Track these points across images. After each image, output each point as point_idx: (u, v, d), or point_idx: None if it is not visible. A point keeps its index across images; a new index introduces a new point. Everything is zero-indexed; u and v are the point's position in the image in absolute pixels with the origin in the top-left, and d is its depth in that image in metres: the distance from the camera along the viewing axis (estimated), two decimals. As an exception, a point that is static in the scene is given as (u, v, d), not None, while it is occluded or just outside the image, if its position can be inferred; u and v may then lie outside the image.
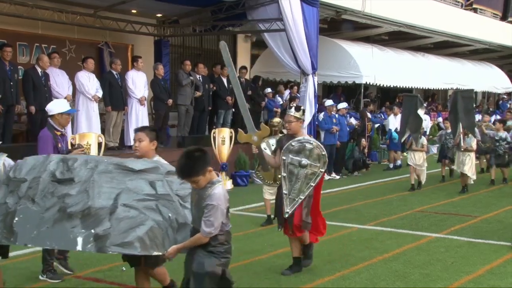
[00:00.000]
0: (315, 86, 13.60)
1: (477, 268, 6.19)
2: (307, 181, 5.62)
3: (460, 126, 11.11)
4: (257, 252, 6.91)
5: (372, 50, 17.93)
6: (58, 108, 5.75)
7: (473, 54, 25.40)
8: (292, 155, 5.58)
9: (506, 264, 6.40)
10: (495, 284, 5.73)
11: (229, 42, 17.22)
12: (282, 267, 6.28)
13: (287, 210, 5.66)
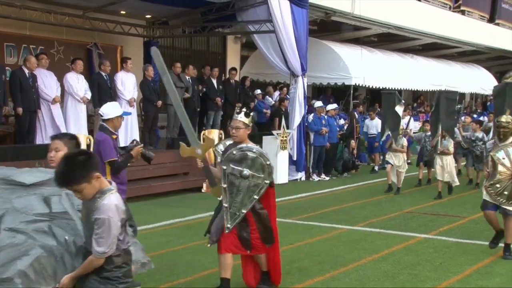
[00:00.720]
0: (305, 87, 13.64)
1: (465, 268, 6.24)
2: (250, 194, 5.05)
3: (440, 128, 10.93)
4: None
5: (361, 51, 18.03)
6: (114, 111, 5.61)
7: (461, 56, 25.59)
8: (233, 165, 5.03)
9: (493, 264, 6.45)
10: (482, 284, 5.78)
11: (219, 43, 17.26)
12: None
13: (228, 225, 5.06)
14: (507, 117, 6.70)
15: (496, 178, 6.51)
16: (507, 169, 6.46)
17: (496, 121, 6.91)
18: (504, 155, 6.48)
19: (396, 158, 11.30)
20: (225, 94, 13.64)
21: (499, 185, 6.49)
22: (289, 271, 6.19)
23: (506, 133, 6.60)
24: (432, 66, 21.82)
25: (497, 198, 6.52)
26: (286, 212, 9.59)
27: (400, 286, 5.70)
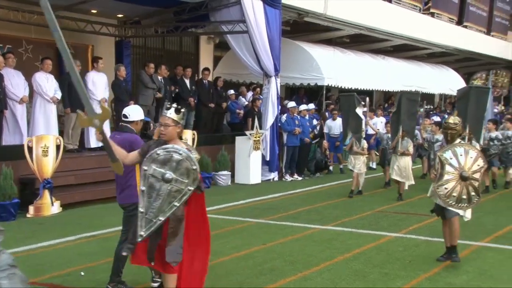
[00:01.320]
0: (278, 87, 13.69)
1: (433, 266, 6.33)
2: (170, 200, 4.48)
3: (400, 129, 10.84)
4: (219, 254, 6.89)
5: (333, 52, 18.19)
6: (139, 114, 5.60)
7: (431, 57, 26.01)
8: (156, 166, 4.48)
9: (462, 262, 6.55)
10: (450, 281, 5.88)
11: (192, 44, 17.19)
12: (243, 268, 6.30)
13: (141, 233, 4.49)
14: (455, 119, 6.61)
15: (444, 179, 6.28)
16: (455, 169, 6.24)
17: (444, 123, 6.75)
18: (452, 155, 6.27)
19: (356, 161, 11.22)
20: (198, 94, 13.60)
21: (447, 187, 6.24)
22: (261, 272, 6.20)
23: (454, 134, 6.46)
24: (403, 67, 22.14)
25: (447, 200, 6.28)
26: (258, 212, 9.62)
27: (371, 285, 5.77)
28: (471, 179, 6.15)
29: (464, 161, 6.17)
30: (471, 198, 6.21)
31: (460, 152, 6.22)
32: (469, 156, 6.20)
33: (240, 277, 6.03)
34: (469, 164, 6.17)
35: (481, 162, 6.23)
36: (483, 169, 6.33)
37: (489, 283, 5.84)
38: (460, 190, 6.17)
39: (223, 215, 9.35)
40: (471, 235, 7.82)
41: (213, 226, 8.32)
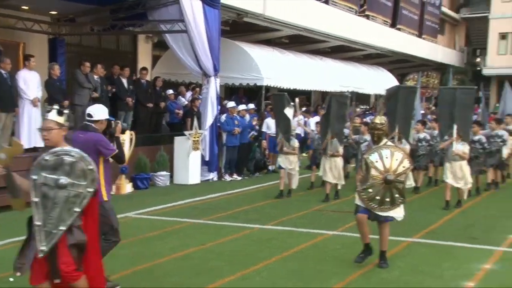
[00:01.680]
0: (217, 88, 13.67)
1: (368, 263, 6.52)
2: (69, 206, 4.12)
3: (329, 131, 10.86)
4: (157, 256, 6.83)
5: (273, 53, 18.37)
6: (103, 114, 5.52)
7: (367, 58, 26.74)
8: (46, 173, 4.10)
9: (394, 258, 6.80)
10: (383, 277, 6.08)
11: (129, 42, 16.90)
12: (182, 269, 6.27)
13: (42, 248, 4.04)
14: (381, 119, 6.47)
15: (369, 182, 6.16)
16: (380, 173, 6.12)
17: (371, 123, 6.61)
18: (378, 158, 6.16)
19: (287, 161, 11.08)
20: (136, 94, 13.38)
21: (371, 190, 6.15)
22: (200, 272, 6.20)
23: (380, 135, 6.34)
24: (340, 68, 22.64)
25: (369, 203, 6.19)
26: (197, 212, 9.59)
27: (308, 283, 5.88)
28: (396, 182, 6.12)
29: (389, 164, 6.11)
30: (394, 199, 6.19)
31: (386, 154, 6.16)
32: (394, 158, 6.14)
33: (178, 278, 6.01)
34: (394, 166, 6.11)
35: (407, 163, 6.21)
36: (409, 170, 6.33)
37: (420, 277, 6.08)
38: (384, 193, 6.14)
39: (161, 216, 9.27)
40: (403, 232, 8.10)
41: (150, 227, 8.30)
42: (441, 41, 36.16)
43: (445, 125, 10.38)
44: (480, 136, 11.40)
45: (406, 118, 10.47)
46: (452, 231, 8.29)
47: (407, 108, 10.44)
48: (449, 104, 10.11)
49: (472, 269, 6.37)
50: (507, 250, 7.22)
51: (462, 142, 9.89)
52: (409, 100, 10.63)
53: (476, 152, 11.21)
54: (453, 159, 9.88)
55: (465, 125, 10.19)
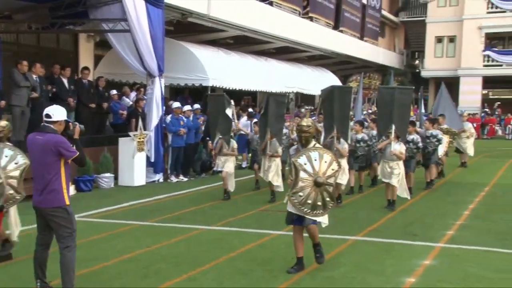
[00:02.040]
0: (162, 88, 13.53)
1: (313, 262, 6.58)
2: None
3: (268, 131, 10.65)
4: (102, 259, 6.70)
5: (218, 53, 18.35)
6: (63, 114, 5.33)
7: (311, 59, 27.16)
8: None
9: (339, 256, 6.95)
10: (329, 274, 6.20)
11: (70, 41, 16.44)
12: (127, 272, 6.17)
13: None
14: (308, 121, 6.30)
15: (299, 186, 6.00)
16: (309, 175, 5.99)
17: (297, 126, 6.39)
18: (306, 161, 6.01)
19: (227, 162, 10.96)
20: (78, 94, 13.04)
21: (302, 194, 6.00)
22: (146, 274, 6.12)
23: (308, 137, 6.17)
24: (285, 69, 22.87)
25: (301, 208, 6.04)
26: (143, 214, 9.46)
27: (255, 283, 5.91)
28: (326, 184, 6.02)
29: (318, 166, 6.00)
30: (326, 204, 6.08)
31: (315, 157, 6.04)
32: (323, 161, 6.03)
33: (124, 281, 5.91)
34: (323, 169, 6.00)
35: (335, 166, 6.10)
36: (338, 173, 6.24)
37: (364, 274, 6.23)
38: (315, 196, 6.01)
39: (106, 219, 9.09)
40: (347, 230, 8.30)
41: (95, 231, 8.13)
42: (382, 43, 37.21)
43: (383, 125, 10.33)
44: (414, 135, 11.37)
45: (343, 118, 10.25)
46: (394, 229, 8.54)
47: (343, 108, 10.25)
48: (388, 104, 10.12)
49: (412, 265, 6.58)
50: (445, 246, 7.51)
51: (399, 142, 9.99)
52: (346, 100, 10.41)
53: (411, 152, 11.24)
54: (391, 159, 9.94)
55: (403, 125, 10.20)
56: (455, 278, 6.10)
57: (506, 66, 35.79)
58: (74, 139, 5.39)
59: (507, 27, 35.68)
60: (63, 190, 5.14)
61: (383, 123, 10.38)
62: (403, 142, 10.18)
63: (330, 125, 10.17)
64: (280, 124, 11.07)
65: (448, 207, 10.39)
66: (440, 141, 12.76)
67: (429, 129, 12.69)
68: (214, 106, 11.61)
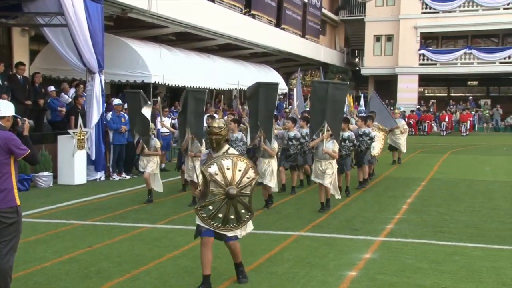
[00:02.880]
0: (103, 84, 13.24)
1: (258, 257, 6.68)
2: None
3: (188, 130, 9.94)
4: (40, 260, 6.49)
5: (160, 50, 18.10)
6: (11, 110, 5.01)
7: (254, 57, 27.29)
8: None
9: (283, 252, 7.03)
10: (273, 270, 6.26)
11: (3, 35, 15.78)
12: (67, 273, 6.02)
13: None
14: (219, 122, 5.60)
15: (209, 198, 5.35)
16: (221, 186, 5.32)
17: (207, 127, 5.75)
18: (217, 170, 5.31)
19: (149, 162, 10.33)
20: (12, 91, 12.54)
21: (212, 207, 5.35)
22: (87, 275, 5.99)
23: (219, 140, 5.52)
24: (228, 66, 22.87)
25: (211, 222, 5.40)
26: (84, 213, 9.24)
27: (200, 280, 5.88)
28: (240, 195, 5.42)
29: (231, 175, 5.35)
30: (240, 216, 5.50)
31: (227, 165, 5.35)
32: (237, 169, 5.37)
33: (63, 282, 5.76)
34: (237, 178, 5.37)
35: (252, 173, 5.45)
36: (255, 181, 5.51)
37: (307, 269, 6.33)
38: (227, 209, 5.39)
39: (45, 219, 8.81)
40: (291, 226, 8.42)
41: (32, 231, 7.87)
42: (323, 41, 37.85)
43: (316, 122, 9.63)
44: (349, 132, 11.10)
45: (268, 117, 9.58)
46: (336, 224, 8.72)
47: (268, 106, 9.59)
48: (322, 100, 9.41)
49: (354, 259, 6.75)
50: (385, 240, 7.74)
51: (332, 140, 9.46)
52: (271, 97, 9.67)
53: (347, 149, 11.07)
54: (323, 158, 9.44)
55: (336, 122, 9.52)
56: (393, 270, 6.30)
57: (440, 65, 37.28)
58: (23, 136, 5.11)
59: (441, 27, 37.19)
60: (14, 190, 4.88)
61: (315, 120, 9.67)
62: (337, 140, 9.59)
63: (255, 124, 9.68)
64: (200, 123, 10.29)
65: (387, 202, 10.71)
66: (373, 139, 12.50)
67: (361, 127, 12.36)
68: (131, 104, 10.89)
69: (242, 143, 10.72)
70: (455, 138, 29.81)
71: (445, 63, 37.12)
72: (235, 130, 10.69)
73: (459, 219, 9.09)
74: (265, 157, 9.76)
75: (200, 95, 10.26)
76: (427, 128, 33.85)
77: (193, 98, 9.96)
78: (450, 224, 8.72)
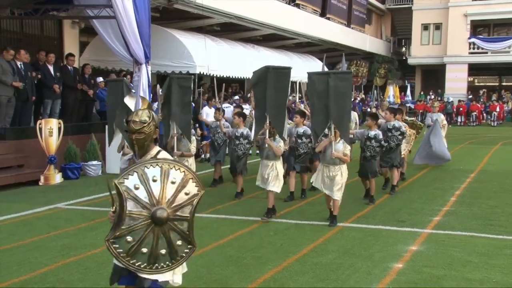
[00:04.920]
0: (149, 75, 13.41)
1: (302, 248, 6.66)
2: None
3: (175, 126, 8.87)
4: (89, 247, 6.67)
5: (205, 40, 18.22)
6: None
7: (298, 47, 27.12)
8: None
9: (327, 242, 6.99)
10: (318, 261, 6.23)
11: (54, 28, 16.23)
12: (116, 261, 6.16)
13: None
14: (143, 113, 3.66)
15: (125, 224, 3.44)
16: (143, 207, 3.44)
17: (125, 122, 3.87)
18: (139, 182, 3.46)
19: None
20: (64, 81, 12.91)
21: (131, 238, 3.44)
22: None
23: (142, 141, 3.64)
24: (273, 56, 22.78)
25: (130, 260, 3.49)
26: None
27: (244, 269, 5.93)
28: (174, 219, 3.49)
29: (159, 191, 3.45)
30: (176, 251, 3.55)
31: (154, 175, 3.47)
32: (169, 181, 3.49)
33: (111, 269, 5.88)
34: (169, 194, 3.48)
35: (193, 187, 3.55)
36: (198, 198, 3.57)
37: (352, 260, 6.28)
38: (155, 241, 3.47)
39: (94, 207, 9.04)
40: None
41: (83, 218, 8.09)
42: (369, 30, 37.25)
43: (318, 121, 7.90)
44: (376, 131, 9.45)
45: (279, 108, 8.01)
46: (381, 215, 8.60)
47: (279, 94, 8.01)
48: (322, 94, 7.71)
49: (400, 251, 6.64)
50: (432, 232, 7.59)
51: (342, 141, 7.79)
52: (283, 84, 8.09)
53: (373, 151, 9.36)
54: (332, 163, 7.80)
55: (343, 120, 7.74)
56: (441, 263, 6.17)
57: (491, 53, 36.10)
58: None
59: (492, 15, 35.95)
60: None
61: (318, 119, 7.92)
62: (346, 140, 7.87)
63: (262, 116, 8.11)
64: (187, 115, 8.87)
65: (434, 193, 10.48)
66: (404, 135, 10.55)
67: (390, 120, 10.45)
68: (112, 93, 9.05)
69: (246, 141, 9.64)
70: (506, 129, 28.85)
71: (496, 51, 35.92)
72: (240, 125, 9.67)
73: (510, 212, 8.81)
74: (269, 158, 8.22)
75: (186, 82, 9.04)
76: (477, 119, 32.92)
77: (178, 86, 8.72)
78: (500, 217, 8.47)
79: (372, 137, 9.34)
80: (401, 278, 5.70)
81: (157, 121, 3.72)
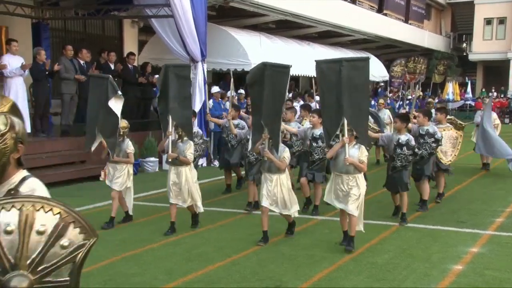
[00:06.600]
0: (205, 73, 13.60)
1: (357, 247, 6.55)
2: None
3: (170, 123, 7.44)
4: (147, 241, 6.84)
5: (260, 38, 18.26)
6: None
7: (353, 44, 26.75)
8: None
9: (383, 242, 6.87)
10: (373, 260, 6.13)
11: (114, 27, 16.71)
12: (172, 254, 6.28)
13: None
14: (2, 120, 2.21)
15: None
16: None
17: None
18: None
19: (113, 170, 7.68)
20: (124, 79, 13.30)
21: None
22: (189, 258, 6.21)
23: None
24: (328, 54, 22.54)
25: None
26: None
27: (298, 267, 5.91)
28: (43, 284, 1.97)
29: (16, 247, 1.94)
30: None
31: (8, 222, 1.95)
32: (33, 230, 1.98)
33: (169, 263, 6.01)
34: (33, 251, 1.96)
35: (76, 236, 2.03)
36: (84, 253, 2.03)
37: (408, 260, 6.14)
38: None
39: (151, 202, 9.26)
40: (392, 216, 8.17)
41: (141, 214, 8.29)
42: (427, 26, 36.28)
43: (330, 119, 6.62)
44: (408, 135, 7.83)
45: (275, 112, 6.63)
46: (439, 215, 8.36)
47: (276, 97, 6.62)
48: (333, 87, 6.44)
49: (459, 252, 6.45)
50: (494, 234, 7.32)
51: (358, 145, 6.51)
52: (280, 84, 6.69)
53: (404, 160, 7.74)
54: (346, 171, 6.46)
55: (361, 118, 6.45)
56: (504, 266, 5.94)
57: (559, 48, 34.45)
58: None
59: (561, 8, 34.28)
60: None
61: (328, 115, 6.67)
62: (364, 144, 6.58)
63: (258, 122, 6.78)
64: (187, 111, 7.48)
65: (496, 194, 10.10)
66: (440, 142, 8.65)
67: (423, 124, 8.60)
68: (95, 93, 7.65)
69: None
70: None
71: None
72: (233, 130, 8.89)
73: None
74: (272, 171, 6.77)
75: (184, 71, 7.60)
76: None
77: (175, 76, 7.35)
78: None
79: (403, 144, 7.68)
80: (462, 280, 5.52)
81: (22, 132, 2.31)
